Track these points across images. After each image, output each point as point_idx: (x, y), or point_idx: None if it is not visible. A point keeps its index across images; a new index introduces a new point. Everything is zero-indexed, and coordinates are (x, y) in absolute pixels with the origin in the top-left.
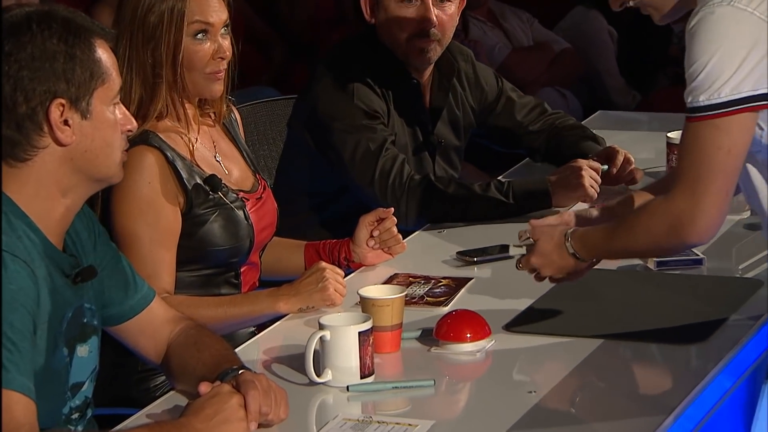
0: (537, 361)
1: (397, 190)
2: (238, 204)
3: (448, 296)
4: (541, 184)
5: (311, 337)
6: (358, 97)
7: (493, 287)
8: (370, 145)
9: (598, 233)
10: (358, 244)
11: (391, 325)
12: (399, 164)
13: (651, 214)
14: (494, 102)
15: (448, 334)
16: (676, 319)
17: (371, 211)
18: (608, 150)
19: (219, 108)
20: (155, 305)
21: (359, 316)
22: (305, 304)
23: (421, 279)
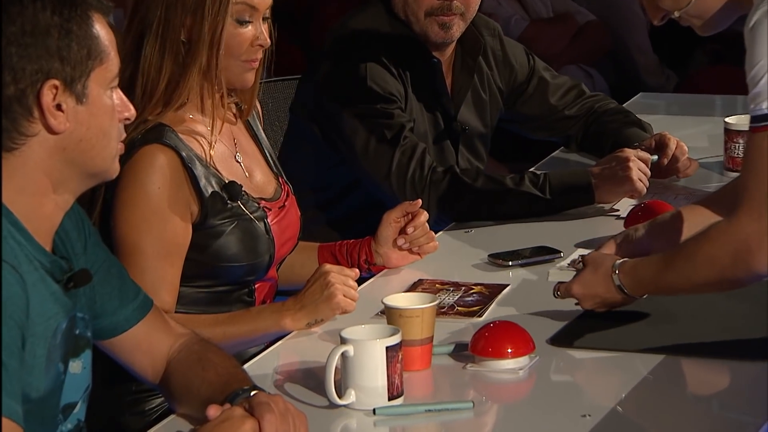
0: (589, 380)
1: (418, 184)
2: (259, 214)
3: (481, 305)
4: (583, 176)
5: (332, 352)
6: (371, 79)
7: (532, 295)
8: (386, 132)
9: (651, 265)
10: (381, 243)
11: (421, 339)
12: (419, 155)
13: (712, 241)
14: (525, 83)
15: (486, 349)
16: (748, 331)
17: (395, 207)
18: (658, 138)
19: (249, 100)
20: (153, 316)
21: (386, 328)
22: (313, 318)
23: (450, 285)
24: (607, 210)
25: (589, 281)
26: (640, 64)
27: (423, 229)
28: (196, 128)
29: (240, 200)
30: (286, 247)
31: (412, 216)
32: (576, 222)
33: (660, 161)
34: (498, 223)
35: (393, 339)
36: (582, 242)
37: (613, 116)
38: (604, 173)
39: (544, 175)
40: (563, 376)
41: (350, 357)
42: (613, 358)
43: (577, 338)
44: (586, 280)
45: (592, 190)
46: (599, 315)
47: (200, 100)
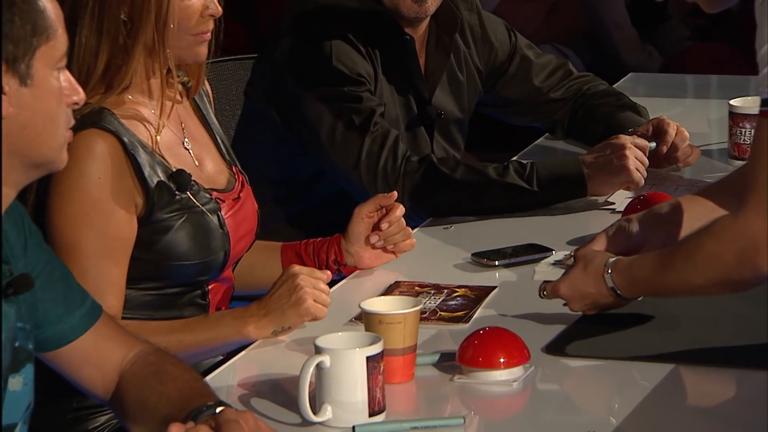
0: (591, 393)
1: (390, 175)
2: (212, 207)
3: (467, 310)
4: (574, 166)
5: (306, 363)
6: (337, 58)
7: (523, 298)
8: (354, 118)
9: (647, 264)
10: (352, 241)
11: (404, 348)
12: (391, 143)
13: (716, 238)
14: (506, 62)
15: (476, 359)
16: (763, 337)
17: (368, 200)
18: (655, 123)
19: (197, 76)
20: (103, 324)
21: (365, 336)
22: (279, 325)
23: (431, 288)
24: (601, 203)
25: (579, 280)
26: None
27: (399, 224)
28: (140, 111)
29: (190, 191)
30: (243, 243)
31: (387, 210)
32: (567, 217)
33: (658, 149)
34: (480, 218)
35: (374, 348)
36: (575, 239)
37: (604, 99)
38: (597, 162)
39: (531, 164)
40: (562, 388)
41: (326, 368)
42: (617, 367)
43: (575, 346)
44: (576, 280)
45: (585, 181)
46: (599, 320)
47: (145, 81)
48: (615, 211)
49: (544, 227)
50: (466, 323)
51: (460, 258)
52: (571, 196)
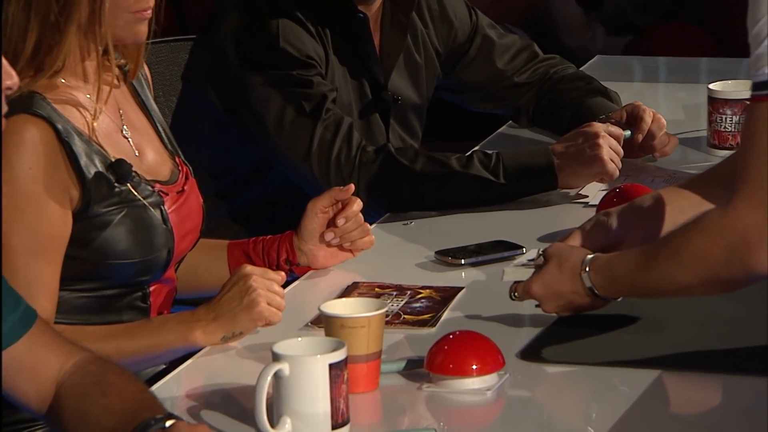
0: (570, 401)
1: (344, 167)
2: (154, 200)
3: (433, 313)
4: (543, 156)
5: (263, 372)
6: (285, 39)
7: (493, 299)
8: (304, 104)
9: (628, 262)
10: (306, 239)
11: (367, 354)
12: (345, 131)
13: (703, 233)
14: (466, 43)
15: (446, 366)
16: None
17: (322, 194)
18: (630, 109)
19: (135, 57)
20: (38, 330)
21: (326, 341)
22: (230, 331)
23: (393, 289)
24: (573, 196)
25: (553, 279)
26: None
27: (356, 220)
28: (75, 96)
29: (130, 182)
30: (187, 240)
31: (343, 205)
32: (536, 211)
33: (633, 137)
34: (442, 213)
35: (337, 354)
36: (546, 235)
37: (572, 83)
38: (568, 152)
39: (497, 155)
40: (538, 396)
41: (285, 377)
42: (597, 373)
43: (552, 351)
44: (550, 278)
45: (555, 173)
46: (577, 322)
47: (79, 63)
48: (588, 204)
49: (511, 223)
50: (432, 327)
51: (422, 256)
52: (541, 188)
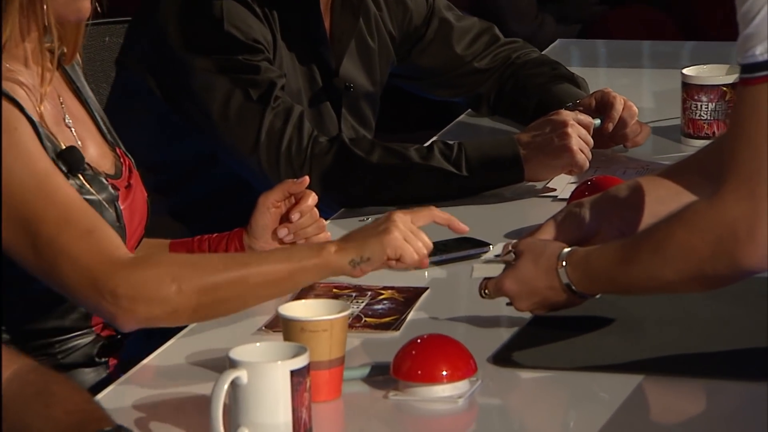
0: (548, 409)
1: (295, 158)
2: (108, 196)
3: (397, 315)
4: (508, 146)
5: (219, 380)
6: (229, 21)
7: (460, 300)
8: (251, 91)
9: (607, 256)
10: (257, 236)
11: (330, 360)
12: (296, 120)
13: (689, 226)
14: (423, 26)
15: (414, 372)
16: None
17: (274, 187)
18: (599, 96)
19: (74, 39)
20: None
21: (287, 346)
22: (359, 254)
23: (352, 290)
24: (540, 189)
25: (527, 275)
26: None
27: (311, 215)
28: (20, 78)
29: (83, 175)
30: (134, 240)
31: (297, 199)
32: (501, 206)
33: (603, 126)
34: (400, 208)
35: (299, 360)
36: (512, 231)
37: (536, 68)
38: (535, 142)
39: (459, 145)
40: (512, 404)
41: (243, 385)
42: (575, 379)
43: (526, 355)
44: (523, 274)
45: (521, 164)
46: (552, 324)
47: (20, 44)
48: (557, 198)
49: (475, 218)
50: (396, 331)
51: None
52: (506, 181)
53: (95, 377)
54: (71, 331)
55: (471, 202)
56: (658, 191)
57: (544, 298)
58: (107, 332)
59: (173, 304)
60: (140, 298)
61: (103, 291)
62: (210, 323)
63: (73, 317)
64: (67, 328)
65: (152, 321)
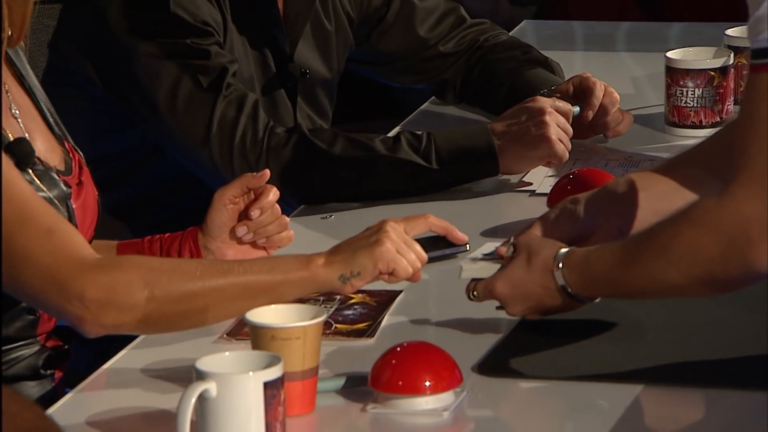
0: (542, 423)
1: (250, 151)
2: (61, 193)
3: (370, 321)
4: (482, 137)
5: (186, 393)
6: (175, 1)
7: (438, 303)
8: (201, 78)
9: (607, 257)
10: (213, 235)
11: (303, 371)
12: (250, 109)
13: (696, 225)
14: (383, 7)
15: (395, 383)
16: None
17: (232, 182)
18: (577, 82)
19: (20, 20)
20: None
21: (259, 356)
22: (348, 269)
23: (318, 293)
24: (515, 183)
25: (520, 277)
26: None
27: (273, 212)
28: None
29: (33, 170)
30: (88, 237)
31: (256, 194)
32: (475, 201)
33: (583, 114)
34: (366, 204)
35: (272, 371)
36: (489, 230)
37: (507, 52)
38: (511, 132)
39: (428, 135)
40: (503, 416)
41: (212, 399)
42: (570, 389)
43: (515, 363)
44: (516, 276)
45: (496, 156)
46: (542, 328)
47: None
48: (534, 193)
49: (447, 215)
50: (370, 338)
51: None
52: (479, 174)
53: (40, 390)
54: (14, 341)
55: (441, 198)
56: (658, 186)
57: (538, 302)
58: (53, 342)
59: (144, 312)
60: (110, 304)
61: (69, 294)
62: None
63: (16, 326)
64: (10, 337)
65: (120, 328)
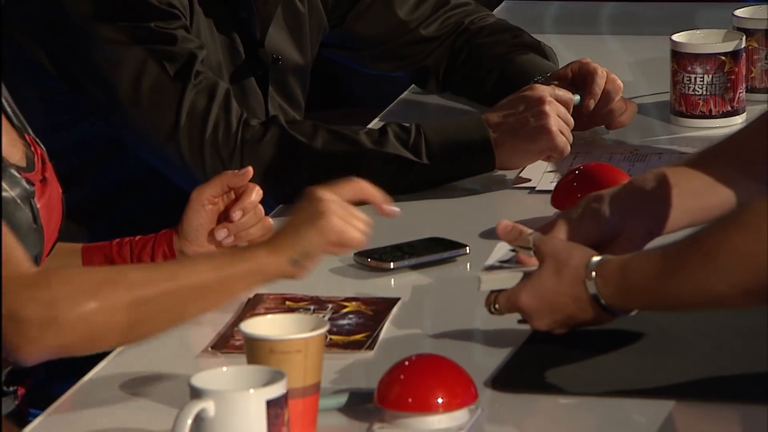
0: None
1: (223, 146)
2: (23, 192)
3: (368, 332)
4: (476, 129)
5: (182, 412)
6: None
7: (440, 312)
8: (167, 65)
9: (648, 266)
10: (190, 238)
11: (304, 387)
12: (222, 99)
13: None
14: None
15: (403, 400)
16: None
17: (211, 180)
18: (576, 68)
19: None
20: None
21: (260, 371)
22: (296, 250)
23: (309, 302)
24: (513, 180)
25: (548, 288)
26: None
27: (256, 213)
28: None
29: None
30: (51, 243)
31: (237, 194)
32: (470, 200)
33: (584, 103)
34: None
35: (276, 388)
36: (487, 231)
37: (494, 36)
38: (508, 123)
39: (417, 128)
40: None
41: (210, 419)
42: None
43: (533, 377)
44: (544, 287)
45: (491, 150)
46: (557, 338)
47: None
48: (534, 190)
49: (441, 214)
50: (370, 350)
51: (336, 259)
52: (474, 170)
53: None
54: None
55: (434, 196)
56: (692, 183)
57: (567, 314)
58: None
59: (90, 326)
60: (50, 322)
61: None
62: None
63: None
64: None
65: (66, 349)
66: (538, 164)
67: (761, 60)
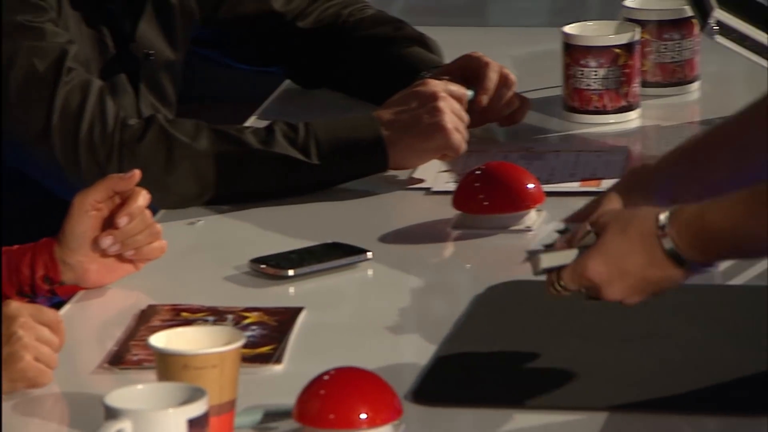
0: None
1: (99, 147)
2: None
3: (274, 344)
4: (367, 127)
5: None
6: None
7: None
8: (36, 62)
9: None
10: (72, 247)
11: (219, 405)
12: (96, 97)
13: None
14: None
15: (324, 417)
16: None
17: (95, 185)
18: (464, 62)
19: None
20: None
21: (177, 389)
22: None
23: (206, 313)
24: (405, 181)
25: (617, 249)
26: None
27: (143, 219)
28: None
29: None
30: None
31: (123, 198)
32: (363, 202)
33: (476, 99)
34: (238, 206)
35: (196, 406)
36: (387, 234)
37: (375, 28)
38: (401, 120)
39: (305, 126)
40: None
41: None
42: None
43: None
44: (612, 249)
45: (384, 149)
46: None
47: None
48: (431, 191)
49: (334, 218)
50: (278, 363)
51: (230, 266)
52: (366, 170)
53: None
54: None
55: (325, 198)
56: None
57: (640, 278)
58: None
59: None
60: None
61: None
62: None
63: None
64: None
65: None
66: (432, 164)
67: (653, 53)
